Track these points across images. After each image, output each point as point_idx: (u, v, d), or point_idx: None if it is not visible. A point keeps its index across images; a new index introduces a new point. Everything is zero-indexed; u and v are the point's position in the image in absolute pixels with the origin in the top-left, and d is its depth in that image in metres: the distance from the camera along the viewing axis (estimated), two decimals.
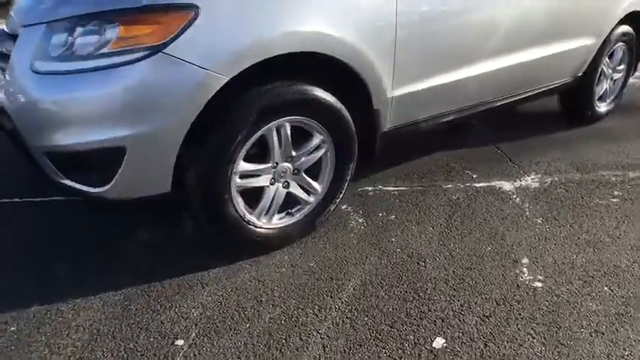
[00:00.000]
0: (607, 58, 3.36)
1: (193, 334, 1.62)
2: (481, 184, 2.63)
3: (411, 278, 1.88)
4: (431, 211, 2.36)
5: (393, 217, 2.32)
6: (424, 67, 2.15)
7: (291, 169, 1.98)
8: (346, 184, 2.16)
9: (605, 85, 3.49)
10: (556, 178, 2.71)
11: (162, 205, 1.87)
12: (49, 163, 1.64)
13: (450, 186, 2.62)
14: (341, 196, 2.17)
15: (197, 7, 1.55)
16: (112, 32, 1.54)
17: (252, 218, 1.94)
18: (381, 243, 2.11)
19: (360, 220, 2.29)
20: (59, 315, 1.69)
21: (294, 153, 1.94)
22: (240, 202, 1.89)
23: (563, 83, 3.12)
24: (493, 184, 2.64)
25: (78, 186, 1.69)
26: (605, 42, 3.16)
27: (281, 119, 1.82)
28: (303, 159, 1.99)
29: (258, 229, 1.97)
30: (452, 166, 2.85)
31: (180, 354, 1.54)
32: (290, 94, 1.78)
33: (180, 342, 1.59)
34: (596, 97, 3.46)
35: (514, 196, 2.50)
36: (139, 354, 1.53)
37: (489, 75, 2.46)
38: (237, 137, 1.73)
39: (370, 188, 2.58)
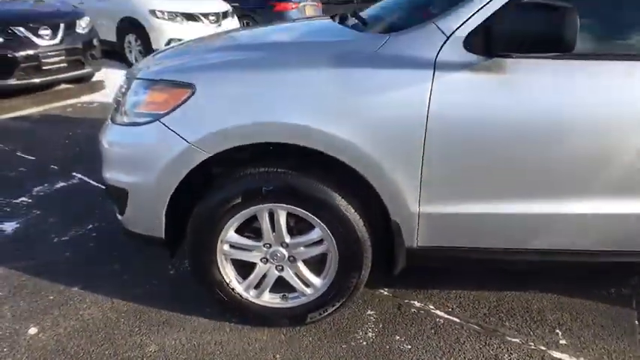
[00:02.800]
0: None
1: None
2: (563, 356, 1.93)
3: None
4: None
5: (409, 346, 1.95)
6: (471, 187, 1.73)
7: (287, 256, 1.91)
8: (352, 292, 1.94)
9: None
10: None
11: None
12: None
13: (516, 340, 2.01)
14: (343, 300, 1.96)
15: (193, 86, 1.69)
16: (144, 96, 1.83)
17: (238, 287, 1.97)
18: None
19: (371, 335, 2.01)
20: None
21: (287, 240, 1.87)
22: (228, 268, 1.94)
23: None
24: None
25: (115, 209, 2.06)
26: None
27: (269, 204, 1.79)
28: (300, 249, 1.89)
29: (244, 300, 1.98)
30: (540, 314, 2.17)
31: None
32: (272, 182, 1.74)
33: None
34: None
35: None
36: None
37: (582, 217, 1.78)
38: (222, 210, 1.80)
39: (418, 304, 2.21)
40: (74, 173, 3.50)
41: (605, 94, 1.63)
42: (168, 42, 6.95)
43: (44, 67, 5.35)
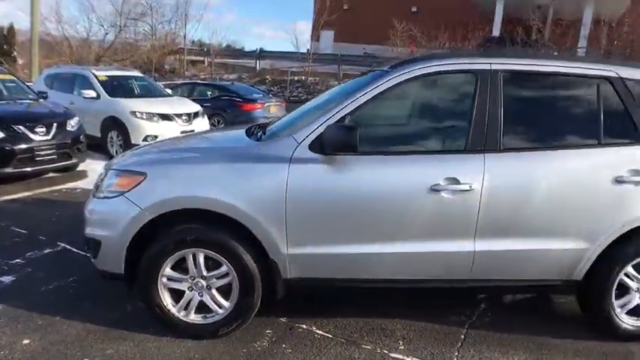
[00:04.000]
0: None
1: None
2: (399, 355, 2.86)
3: None
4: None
5: (290, 351, 2.86)
6: (318, 236, 2.77)
7: (205, 285, 2.87)
8: (249, 311, 2.89)
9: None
10: None
11: None
12: None
13: (368, 347, 2.94)
14: (243, 318, 2.90)
15: (145, 174, 2.76)
16: (115, 180, 2.88)
17: (173, 309, 2.89)
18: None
19: (265, 344, 2.92)
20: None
21: (205, 274, 2.85)
22: (166, 295, 2.88)
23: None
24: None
25: (90, 255, 3.01)
26: None
27: (192, 249, 2.79)
28: (214, 280, 2.87)
29: (177, 319, 2.90)
30: (390, 330, 3.11)
31: None
32: (192, 233, 2.76)
33: None
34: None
35: None
36: None
37: (405, 256, 2.82)
38: (161, 254, 2.79)
39: (304, 325, 3.14)
40: (59, 242, 4.41)
41: (386, 176, 2.77)
42: (145, 138, 8.12)
43: (37, 159, 6.39)
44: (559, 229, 2.89)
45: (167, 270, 2.84)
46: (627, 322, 3.12)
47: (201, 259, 2.83)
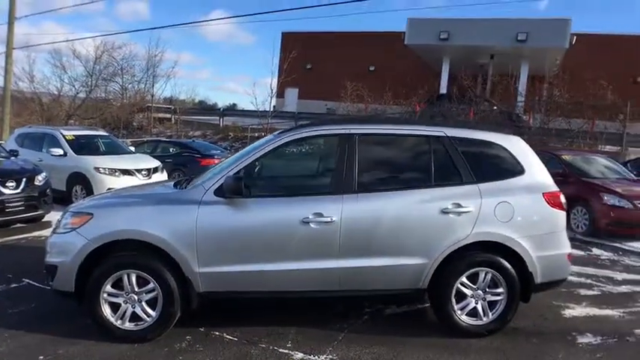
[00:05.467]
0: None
1: None
2: (285, 350, 3.78)
3: None
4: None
5: (202, 349, 3.75)
6: (220, 258, 3.74)
7: (137, 299, 3.78)
8: (171, 319, 3.80)
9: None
10: None
11: None
12: None
13: (263, 345, 3.85)
14: (166, 325, 3.80)
15: (92, 214, 3.73)
16: (70, 219, 3.83)
17: (111, 319, 3.77)
18: None
19: (184, 346, 3.80)
20: None
21: (136, 289, 3.76)
22: (106, 308, 3.77)
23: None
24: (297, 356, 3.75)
25: (48, 279, 3.90)
26: None
27: (127, 270, 3.72)
28: (143, 294, 3.78)
29: (115, 327, 3.78)
30: (284, 332, 4.03)
31: None
32: (125, 258, 3.70)
33: None
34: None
35: None
36: None
37: (288, 272, 3.79)
38: (103, 275, 3.71)
39: (217, 332, 4.03)
40: (24, 279, 5.22)
41: (270, 212, 3.80)
42: (108, 190, 9.01)
43: (7, 209, 7.21)
44: (403, 248, 3.92)
45: (107, 287, 3.75)
46: (466, 321, 4.09)
47: (133, 279, 3.75)
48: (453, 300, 4.05)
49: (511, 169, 4.20)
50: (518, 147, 4.30)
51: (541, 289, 4.25)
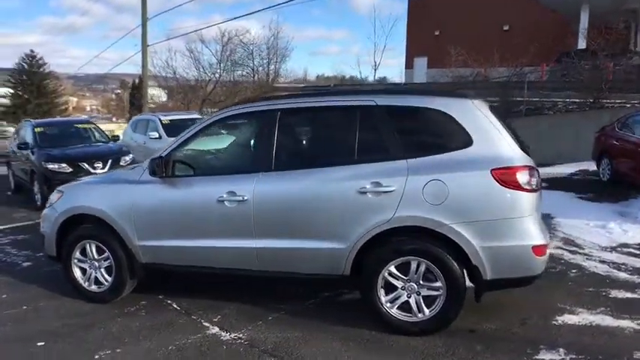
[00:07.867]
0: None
1: None
2: (207, 325, 4.07)
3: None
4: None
5: (152, 321, 4.25)
6: (154, 233, 4.15)
7: (97, 265, 4.42)
8: (124, 285, 4.36)
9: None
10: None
11: None
12: None
13: (195, 318, 4.16)
14: (120, 290, 4.37)
15: (63, 192, 4.49)
16: (53, 196, 4.63)
17: (80, 280, 4.49)
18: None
19: (143, 314, 4.33)
20: None
21: (96, 257, 4.40)
22: (77, 271, 4.49)
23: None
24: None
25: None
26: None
27: (87, 240, 4.38)
28: (102, 262, 4.41)
29: (83, 288, 4.49)
30: (221, 308, 4.25)
31: None
32: (86, 230, 4.35)
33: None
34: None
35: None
36: None
37: (212, 249, 4.04)
38: (72, 244, 4.43)
39: (169, 302, 4.47)
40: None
41: (192, 191, 4.08)
42: None
43: None
44: (317, 231, 3.73)
45: (77, 254, 4.45)
46: (397, 316, 3.65)
47: (93, 248, 4.39)
48: (381, 291, 3.67)
49: (454, 140, 3.60)
50: (467, 113, 3.63)
51: (498, 287, 3.67)
